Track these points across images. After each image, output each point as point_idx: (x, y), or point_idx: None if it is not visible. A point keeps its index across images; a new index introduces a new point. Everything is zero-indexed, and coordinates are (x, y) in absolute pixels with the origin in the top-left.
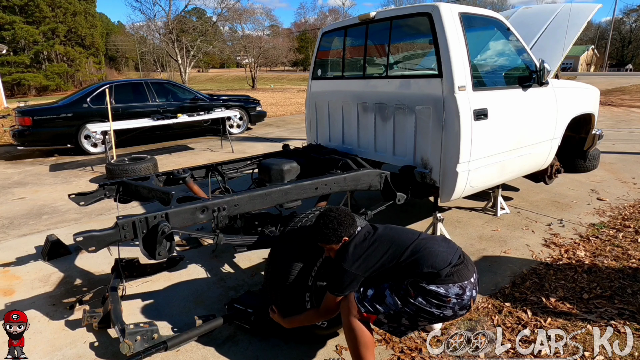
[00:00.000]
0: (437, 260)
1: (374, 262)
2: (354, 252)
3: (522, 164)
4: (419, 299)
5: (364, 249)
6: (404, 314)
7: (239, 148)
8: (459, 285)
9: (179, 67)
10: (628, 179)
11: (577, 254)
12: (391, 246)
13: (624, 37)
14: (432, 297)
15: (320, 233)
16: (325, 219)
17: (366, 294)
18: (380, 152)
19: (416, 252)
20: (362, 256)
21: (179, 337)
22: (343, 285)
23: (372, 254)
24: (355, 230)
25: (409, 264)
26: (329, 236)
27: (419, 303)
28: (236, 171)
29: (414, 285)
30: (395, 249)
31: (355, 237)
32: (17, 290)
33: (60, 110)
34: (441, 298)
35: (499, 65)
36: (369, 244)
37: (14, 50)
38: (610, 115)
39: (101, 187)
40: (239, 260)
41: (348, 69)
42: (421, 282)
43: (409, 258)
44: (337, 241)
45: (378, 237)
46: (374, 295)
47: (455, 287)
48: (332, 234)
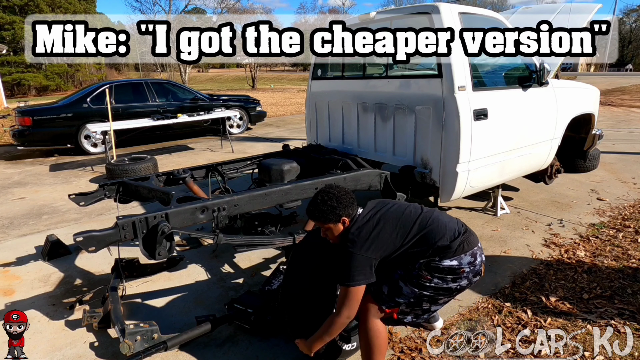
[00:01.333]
0: (446, 232)
1: (385, 243)
2: (360, 234)
3: (522, 164)
4: (435, 280)
5: (371, 229)
6: (425, 298)
7: (239, 148)
8: (470, 253)
9: (179, 67)
10: (628, 179)
11: (577, 254)
12: (397, 223)
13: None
14: (447, 273)
15: (318, 210)
16: (324, 195)
17: (382, 291)
18: (380, 152)
19: (424, 226)
20: (371, 237)
21: (178, 337)
22: (356, 272)
23: (381, 234)
24: (356, 212)
25: (419, 240)
26: (326, 214)
27: (436, 284)
28: (236, 171)
29: (427, 267)
30: (402, 226)
31: (358, 218)
32: (17, 290)
33: (60, 110)
34: (456, 271)
35: (498, 65)
36: (374, 224)
37: (14, 50)
38: (610, 115)
39: (101, 187)
40: (239, 260)
41: (348, 69)
42: (434, 261)
43: (418, 233)
44: (336, 220)
45: (382, 216)
46: (390, 290)
47: (467, 256)
48: (330, 212)
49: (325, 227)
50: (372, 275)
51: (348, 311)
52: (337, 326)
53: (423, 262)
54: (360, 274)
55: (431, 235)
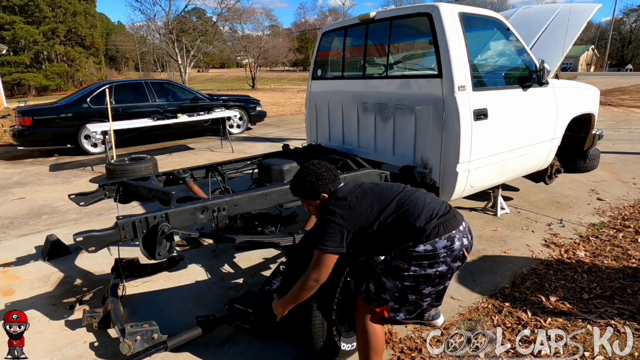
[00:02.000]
0: (422, 213)
1: (360, 215)
2: (336, 204)
3: (522, 164)
4: (412, 267)
5: (347, 202)
6: (407, 289)
7: (239, 148)
8: (447, 237)
9: (179, 67)
10: (628, 179)
11: (577, 254)
12: (375, 198)
13: (624, 37)
14: (422, 258)
15: (298, 185)
16: (305, 171)
17: (369, 290)
18: (380, 152)
19: (401, 205)
20: (346, 207)
21: (178, 337)
22: (327, 239)
23: (357, 206)
24: (337, 187)
25: (395, 220)
26: (305, 190)
27: (414, 272)
28: (236, 171)
29: (402, 255)
30: (379, 201)
31: (338, 191)
32: (17, 290)
33: (60, 110)
34: (430, 256)
35: (499, 65)
36: (353, 197)
37: (14, 50)
38: (610, 115)
39: (101, 187)
40: (239, 260)
41: (348, 69)
42: (408, 248)
43: (395, 212)
44: (314, 197)
45: (362, 191)
46: (375, 287)
47: (443, 239)
48: (309, 188)
49: (306, 202)
50: (342, 246)
51: (316, 274)
52: (305, 289)
53: (398, 250)
54: (330, 240)
55: (407, 215)
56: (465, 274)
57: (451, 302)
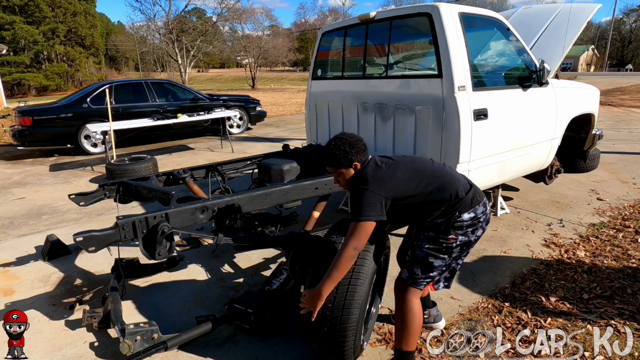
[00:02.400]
0: (460, 184)
1: (397, 183)
2: (373, 174)
3: (522, 164)
4: (459, 237)
5: (383, 172)
6: (453, 260)
7: (239, 148)
8: (482, 204)
9: (179, 67)
10: (628, 179)
11: (577, 254)
12: (410, 167)
13: (624, 37)
14: (468, 226)
15: (331, 154)
16: (337, 141)
17: (415, 273)
18: (380, 152)
19: (439, 176)
20: (382, 176)
21: (178, 337)
22: (367, 208)
23: (395, 174)
24: (367, 158)
25: (436, 190)
26: (339, 158)
27: (460, 241)
28: (236, 171)
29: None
30: (415, 170)
31: (369, 162)
32: (17, 290)
33: (60, 110)
34: (474, 223)
35: (499, 65)
36: (387, 166)
37: (14, 50)
38: (610, 115)
39: (101, 187)
40: (239, 260)
41: (348, 69)
42: (457, 219)
43: (434, 183)
44: (348, 165)
45: (394, 162)
46: (422, 270)
47: (480, 206)
48: (343, 157)
49: (337, 171)
50: (382, 214)
51: (356, 242)
52: (346, 258)
53: (444, 222)
54: (370, 210)
55: (447, 186)
56: (465, 274)
57: (451, 302)
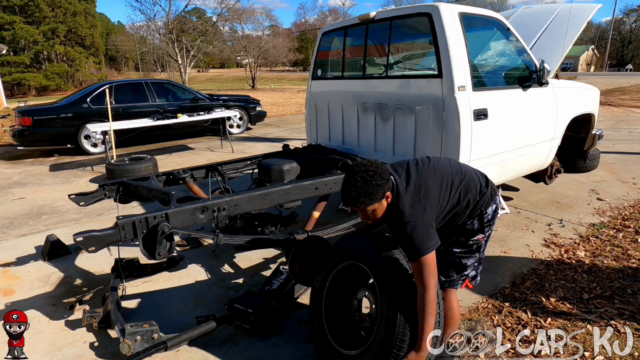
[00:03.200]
0: (479, 178)
1: (435, 199)
2: (411, 203)
3: (522, 164)
4: (487, 232)
5: (417, 193)
6: (482, 253)
7: (239, 148)
8: (498, 195)
9: (179, 67)
10: (628, 179)
11: (577, 254)
12: (437, 177)
13: (624, 37)
14: (492, 218)
15: (364, 193)
16: (363, 175)
17: (451, 276)
18: (380, 152)
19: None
20: (422, 200)
21: (178, 337)
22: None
23: (429, 193)
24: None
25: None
26: (373, 195)
27: (487, 235)
28: (236, 171)
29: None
30: (442, 178)
31: (397, 188)
32: (17, 290)
33: (60, 110)
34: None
35: (499, 65)
36: (418, 187)
37: (14, 50)
38: (610, 115)
39: (101, 187)
40: (239, 260)
41: (348, 69)
42: (484, 214)
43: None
44: (382, 198)
45: (418, 176)
46: (457, 271)
47: (497, 197)
48: (377, 191)
49: (369, 209)
50: (436, 236)
51: (432, 279)
52: (433, 301)
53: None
54: (427, 240)
55: (471, 184)
56: None
57: None
